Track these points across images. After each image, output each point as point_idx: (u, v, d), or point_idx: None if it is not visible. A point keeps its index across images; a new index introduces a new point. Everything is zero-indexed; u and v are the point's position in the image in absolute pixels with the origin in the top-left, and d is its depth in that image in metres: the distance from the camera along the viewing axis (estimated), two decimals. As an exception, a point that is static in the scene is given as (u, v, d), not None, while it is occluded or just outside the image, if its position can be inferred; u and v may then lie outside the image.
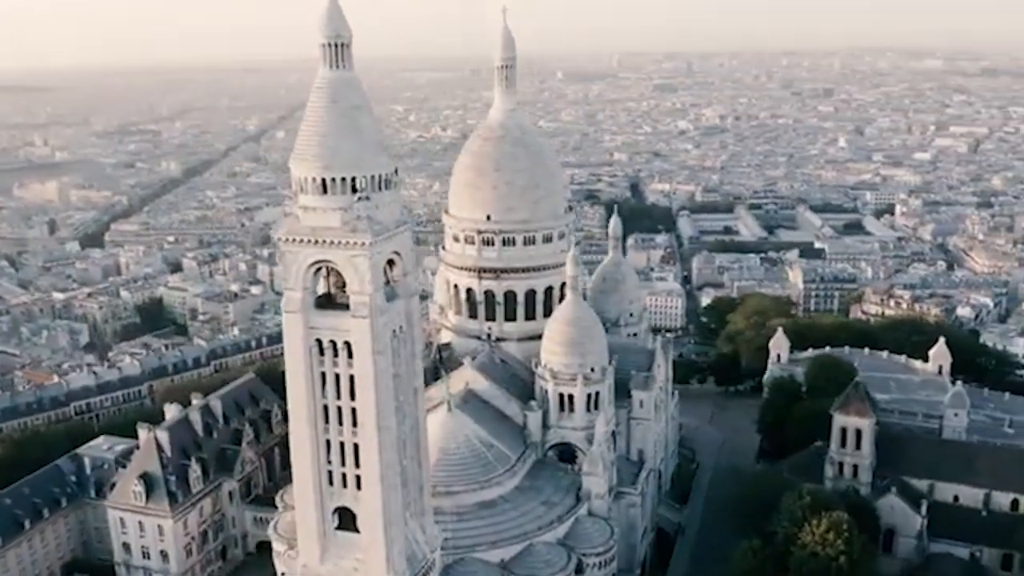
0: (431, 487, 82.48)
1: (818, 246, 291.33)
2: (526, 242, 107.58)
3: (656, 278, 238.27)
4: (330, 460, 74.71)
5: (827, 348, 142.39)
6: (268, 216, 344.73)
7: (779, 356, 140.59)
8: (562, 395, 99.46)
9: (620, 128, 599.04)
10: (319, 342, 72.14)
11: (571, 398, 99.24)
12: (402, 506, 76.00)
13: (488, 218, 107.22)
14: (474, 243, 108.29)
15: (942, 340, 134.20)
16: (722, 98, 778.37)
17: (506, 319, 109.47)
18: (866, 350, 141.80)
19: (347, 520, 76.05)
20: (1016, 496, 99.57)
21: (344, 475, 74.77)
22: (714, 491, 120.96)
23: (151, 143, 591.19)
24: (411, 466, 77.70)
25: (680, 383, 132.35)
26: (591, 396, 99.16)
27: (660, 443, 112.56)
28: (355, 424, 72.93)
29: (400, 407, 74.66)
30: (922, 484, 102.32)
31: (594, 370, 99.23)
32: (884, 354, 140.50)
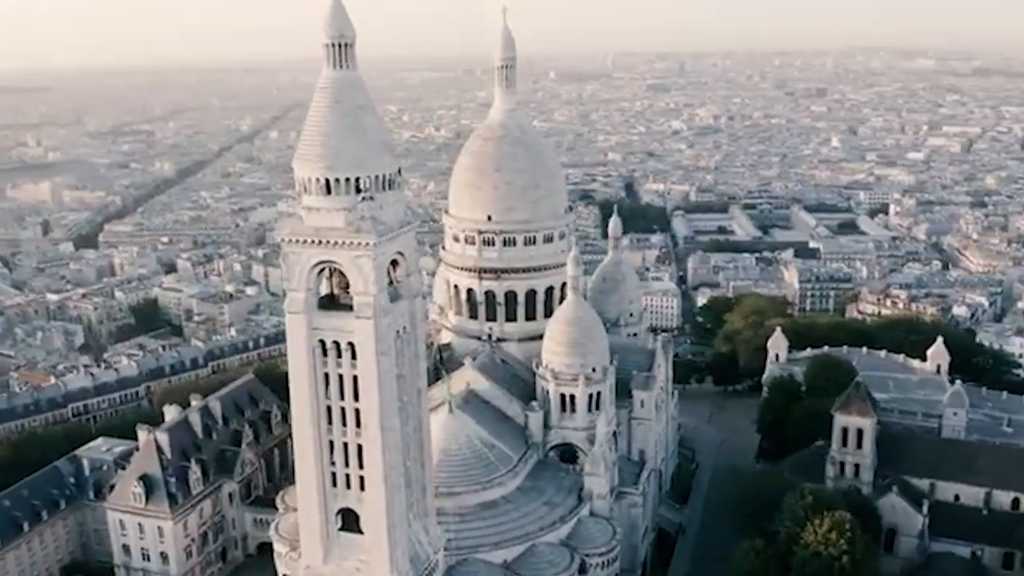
0: (433, 488, 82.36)
1: (813, 246, 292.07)
2: (527, 242, 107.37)
3: (652, 278, 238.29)
4: (333, 461, 74.60)
5: (825, 348, 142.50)
6: (262, 216, 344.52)
7: (777, 356, 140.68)
8: (563, 395, 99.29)
9: (614, 128, 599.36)
10: (322, 343, 72.02)
11: (572, 398, 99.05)
12: (405, 507, 75.95)
13: (489, 218, 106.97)
14: (474, 243, 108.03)
15: (940, 339, 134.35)
16: (715, 98, 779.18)
17: (507, 319, 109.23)
18: (864, 349, 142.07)
19: (350, 521, 75.91)
20: (1017, 495, 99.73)
21: (347, 476, 74.62)
22: (714, 491, 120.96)
23: (144, 143, 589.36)
24: (414, 467, 77.58)
25: (678, 383, 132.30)
26: (592, 396, 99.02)
27: (661, 443, 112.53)
28: (358, 425, 72.85)
29: (404, 408, 74.53)
30: (923, 483, 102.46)
31: (595, 370, 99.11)
32: (882, 353, 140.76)
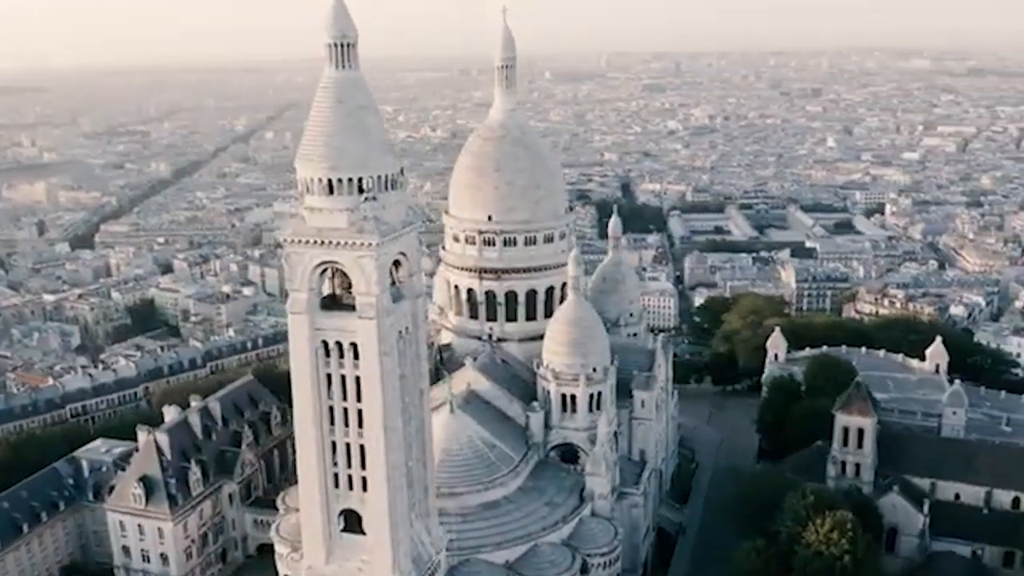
0: (435, 488, 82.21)
1: (809, 245, 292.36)
2: (527, 242, 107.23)
3: (648, 278, 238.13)
4: (336, 462, 74.35)
5: (824, 347, 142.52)
6: (258, 217, 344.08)
7: (776, 355, 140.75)
8: (564, 395, 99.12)
9: (610, 128, 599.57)
10: (325, 343, 71.80)
11: (573, 398, 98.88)
12: (408, 507, 75.83)
13: (489, 218, 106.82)
14: (475, 243, 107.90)
15: (939, 339, 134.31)
16: (711, 98, 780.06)
17: (507, 319, 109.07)
18: (863, 349, 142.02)
19: (352, 522, 75.68)
20: (1017, 494, 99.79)
21: (350, 477, 74.42)
22: (714, 491, 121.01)
23: (140, 144, 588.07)
24: (416, 467, 77.46)
25: (677, 383, 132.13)
26: (593, 396, 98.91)
27: (661, 443, 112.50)
28: (361, 425, 72.57)
29: (406, 408, 74.35)
30: (923, 483, 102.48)
31: (596, 370, 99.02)
32: (881, 353, 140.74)
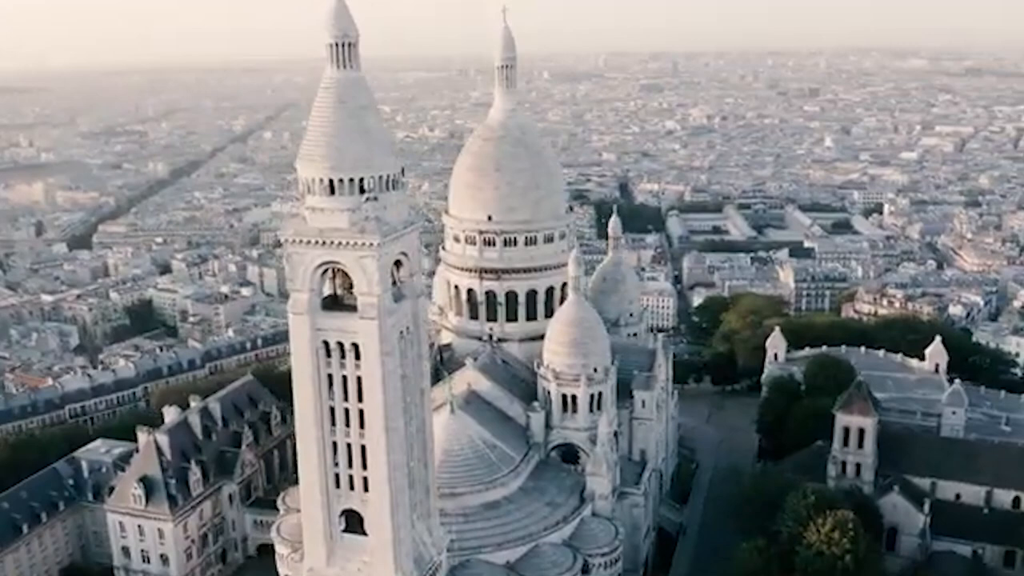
0: (436, 489, 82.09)
1: (807, 245, 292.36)
2: (527, 242, 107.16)
3: (647, 278, 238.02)
4: (337, 462, 74.28)
5: (823, 347, 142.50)
6: (257, 217, 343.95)
7: (776, 355, 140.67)
8: (565, 396, 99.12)
9: (608, 128, 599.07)
10: (326, 344, 71.70)
11: (574, 399, 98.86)
12: (409, 508, 75.71)
13: (489, 218, 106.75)
14: (475, 244, 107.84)
15: (938, 339, 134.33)
16: (708, 98, 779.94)
17: (507, 320, 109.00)
18: (862, 349, 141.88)
19: (354, 522, 75.62)
20: (1017, 493, 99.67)
21: (351, 477, 74.37)
22: (714, 490, 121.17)
23: (137, 144, 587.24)
24: (418, 468, 77.41)
25: (676, 383, 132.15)
26: (594, 396, 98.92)
27: (661, 443, 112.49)
28: (362, 426, 72.49)
29: (407, 408, 74.26)
30: (924, 482, 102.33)
31: (597, 370, 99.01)
32: (880, 353, 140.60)
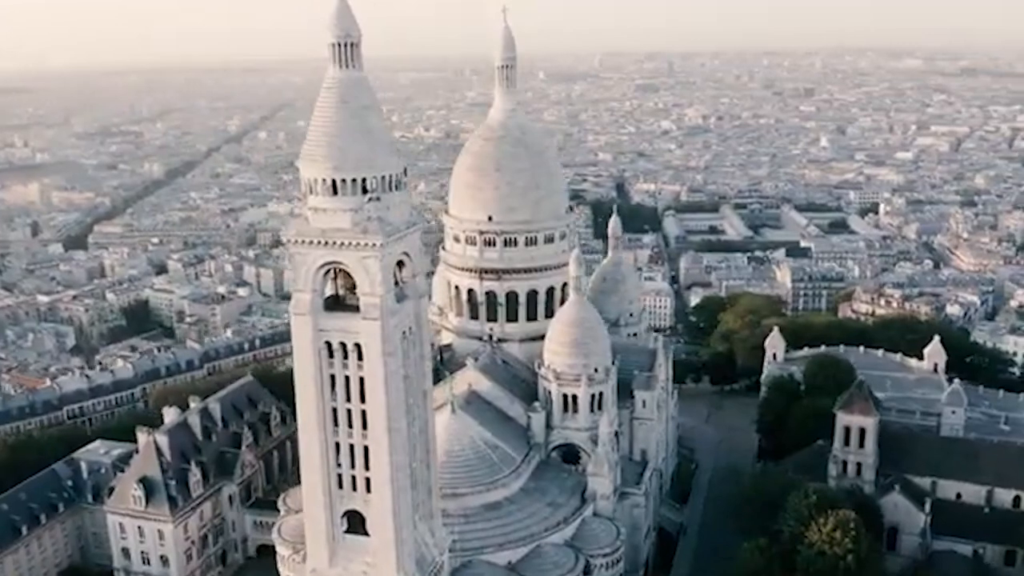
0: (438, 489, 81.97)
1: (804, 245, 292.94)
2: (528, 243, 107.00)
3: (644, 278, 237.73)
4: (339, 463, 73.97)
5: (822, 347, 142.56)
6: (253, 217, 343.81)
7: (775, 355, 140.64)
8: (566, 396, 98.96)
9: (603, 128, 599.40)
10: (328, 344, 71.45)
11: (575, 399, 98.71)
12: (412, 509, 75.54)
13: (490, 219, 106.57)
14: (475, 244, 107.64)
15: (937, 338, 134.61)
16: (704, 98, 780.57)
17: (508, 320, 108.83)
18: (861, 349, 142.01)
19: (356, 523, 75.37)
20: (1018, 493, 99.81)
21: (353, 478, 74.08)
22: (714, 490, 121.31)
23: (133, 144, 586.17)
24: (420, 468, 77.24)
25: (675, 382, 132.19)
26: (595, 397, 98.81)
27: (661, 443, 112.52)
28: (365, 427, 72.23)
29: (410, 409, 74.11)
30: (925, 482, 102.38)
31: (598, 370, 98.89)
32: (879, 352, 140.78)
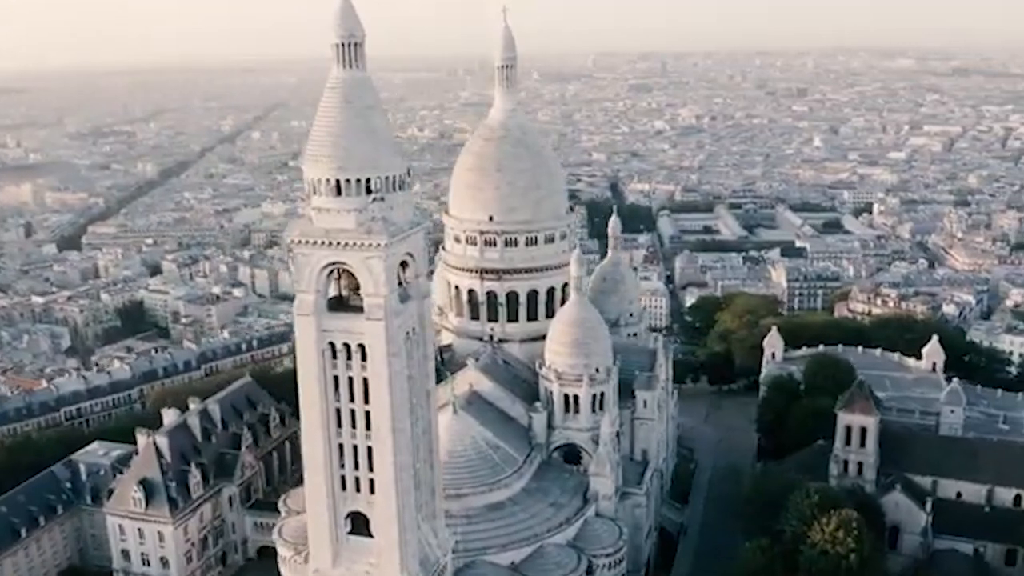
0: (441, 490, 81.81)
1: (799, 245, 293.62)
2: (528, 243, 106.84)
3: (640, 278, 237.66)
4: (343, 464, 73.74)
5: (820, 347, 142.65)
6: (247, 217, 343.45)
7: (774, 355, 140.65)
8: (567, 396, 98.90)
9: (597, 128, 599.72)
10: (332, 345, 71.20)
11: (576, 399, 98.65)
12: (415, 509, 75.32)
13: (490, 219, 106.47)
14: (476, 244, 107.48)
15: (935, 338, 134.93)
16: (697, 98, 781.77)
17: (508, 320, 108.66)
18: (859, 348, 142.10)
19: (360, 524, 75.13)
20: (1018, 492, 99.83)
21: (357, 479, 73.81)
22: (714, 490, 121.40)
23: (126, 144, 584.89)
24: (423, 469, 77.03)
25: (674, 382, 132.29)
26: (596, 397, 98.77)
27: (662, 443, 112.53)
28: (368, 427, 72.02)
29: (413, 409, 73.96)
30: (925, 481, 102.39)
31: (599, 370, 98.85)
32: (877, 352, 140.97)
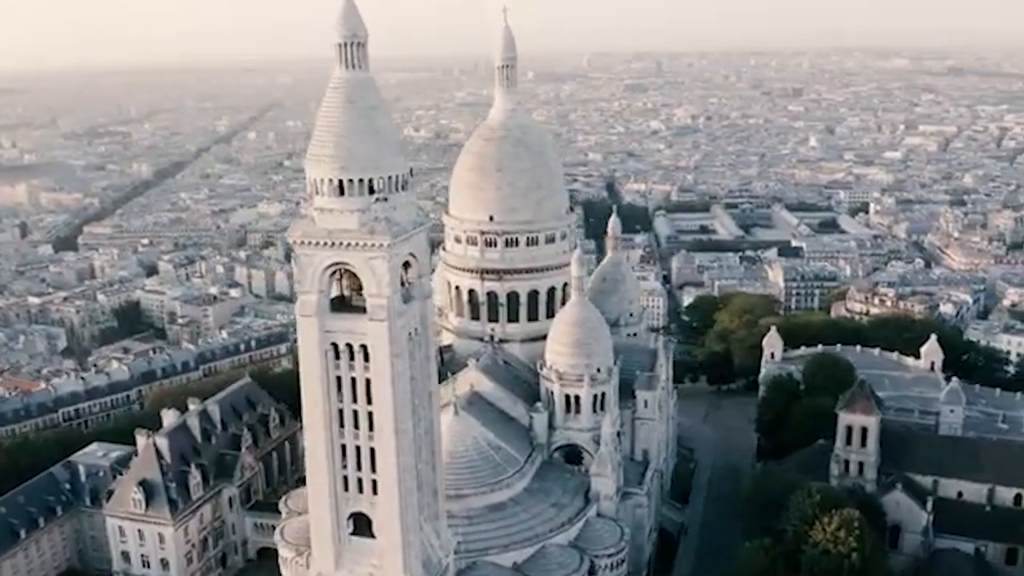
0: (443, 491, 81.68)
1: (795, 244, 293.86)
2: (529, 243, 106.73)
3: (637, 277, 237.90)
4: (345, 465, 73.56)
5: (819, 346, 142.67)
6: (243, 218, 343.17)
7: (773, 354, 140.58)
8: (568, 396, 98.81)
9: (593, 128, 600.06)
10: (335, 346, 71.05)
11: (577, 399, 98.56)
12: (418, 510, 75.18)
13: (491, 219, 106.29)
14: (476, 244, 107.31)
15: (933, 337, 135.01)
16: (692, 98, 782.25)
17: (509, 320, 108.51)
18: (858, 348, 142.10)
19: (362, 525, 74.94)
20: (1019, 491, 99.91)
21: (360, 480, 73.60)
22: (714, 490, 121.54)
23: (121, 145, 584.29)
24: (426, 469, 76.89)
25: (673, 382, 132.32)
26: (597, 397, 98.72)
27: (663, 443, 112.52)
28: (371, 428, 71.84)
29: (416, 410, 73.77)
30: (926, 480, 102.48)
31: (600, 371, 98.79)
32: (875, 351, 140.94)
